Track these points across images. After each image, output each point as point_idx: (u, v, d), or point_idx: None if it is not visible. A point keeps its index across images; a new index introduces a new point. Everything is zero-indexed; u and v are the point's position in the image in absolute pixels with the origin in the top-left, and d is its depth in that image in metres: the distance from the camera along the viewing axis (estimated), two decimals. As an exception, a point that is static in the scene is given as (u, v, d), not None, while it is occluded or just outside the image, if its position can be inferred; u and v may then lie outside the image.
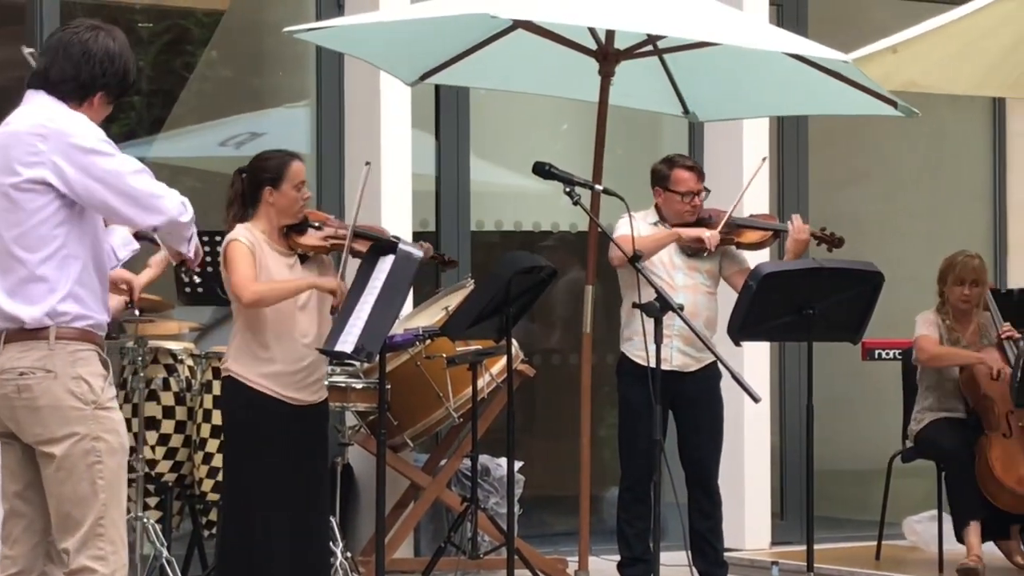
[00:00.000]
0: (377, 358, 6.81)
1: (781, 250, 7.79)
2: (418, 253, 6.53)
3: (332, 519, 7.12)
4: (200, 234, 5.02)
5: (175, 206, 4.73)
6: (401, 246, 6.49)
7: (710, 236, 7.46)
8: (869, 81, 7.01)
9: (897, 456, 8.72)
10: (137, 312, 6.94)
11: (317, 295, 6.51)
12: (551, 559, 8.22)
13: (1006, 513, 8.33)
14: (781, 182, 9.83)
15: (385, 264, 6.43)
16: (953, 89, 7.88)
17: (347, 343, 6.29)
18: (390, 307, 6.37)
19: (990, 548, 8.61)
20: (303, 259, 6.61)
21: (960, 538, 8.24)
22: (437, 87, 8.84)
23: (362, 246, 6.64)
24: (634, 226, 6.80)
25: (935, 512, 8.63)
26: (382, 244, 6.56)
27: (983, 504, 8.20)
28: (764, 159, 7.88)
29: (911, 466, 8.72)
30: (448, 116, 9.08)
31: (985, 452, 8.17)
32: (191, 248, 4.88)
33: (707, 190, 7.72)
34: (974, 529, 8.13)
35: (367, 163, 6.69)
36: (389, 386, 7.58)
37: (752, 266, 7.65)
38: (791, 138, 9.90)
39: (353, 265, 6.63)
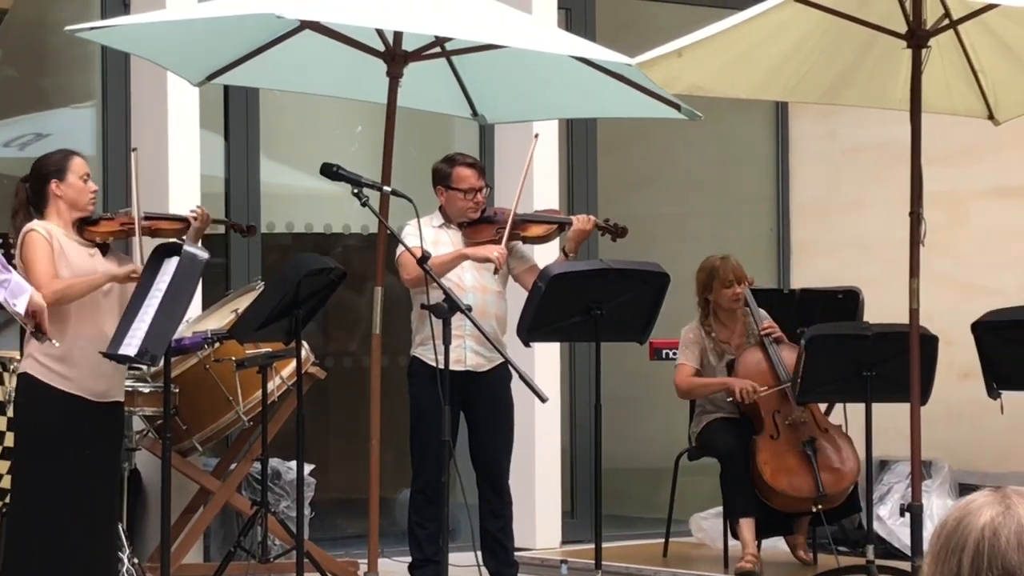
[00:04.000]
0: (163, 361, 6.74)
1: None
2: (203, 254, 6.49)
3: (119, 525, 7.03)
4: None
5: None
6: (186, 247, 6.44)
7: (498, 256, 7.45)
8: (652, 84, 7.11)
9: (683, 454, 8.85)
10: None
11: (118, 291, 6.48)
12: (342, 562, 8.21)
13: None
14: (571, 184, 9.92)
15: (169, 266, 6.38)
16: (735, 93, 8.01)
17: (131, 346, 6.22)
18: (175, 309, 6.32)
19: (773, 543, 8.79)
20: (104, 249, 6.58)
21: (735, 533, 8.39)
22: (226, 87, 8.77)
23: (167, 225, 6.66)
24: (418, 231, 6.85)
25: (721, 509, 8.77)
26: (167, 246, 6.50)
27: (759, 502, 8.34)
28: (536, 136, 7.91)
29: (697, 464, 8.86)
30: (237, 117, 9.01)
31: (755, 456, 8.32)
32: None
33: (489, 187, 7.79)
34: (746, 526, 8.27)
35: (134, 148, 6.69)
36: (178, 390, 7.53)
37: (538, 262, 7.73)
38: (580, 140, 10.00)
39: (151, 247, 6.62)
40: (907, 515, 7.58)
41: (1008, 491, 2.25)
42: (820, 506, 8.24)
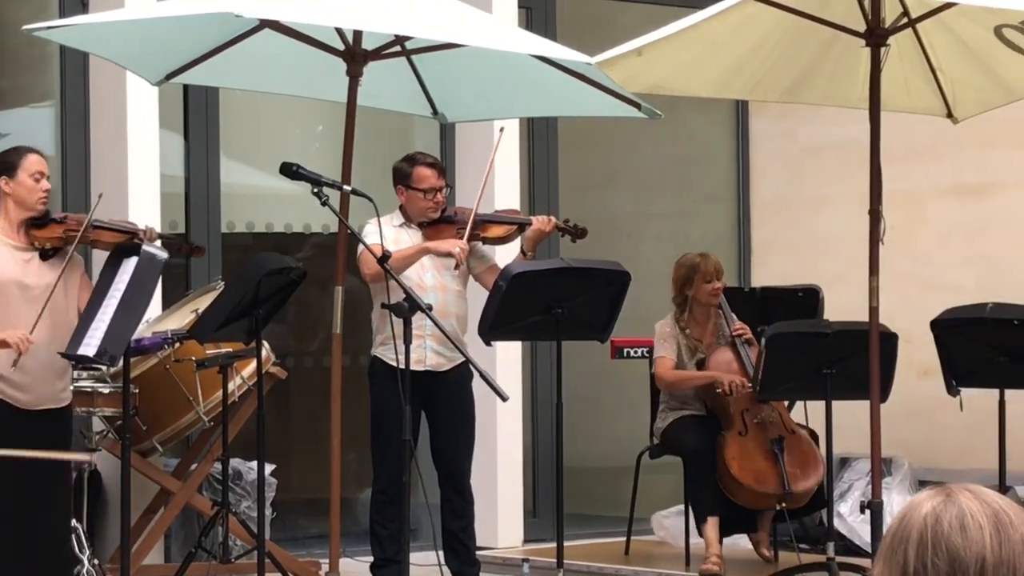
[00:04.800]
0: (122, 361, 6.72)
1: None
2: (162, 254, 6.47)
3: (79, 526, 7.00)
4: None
5: None
6: (144, 247, 6.42)
7: (460, 252, 7.46)
8: (612, 83, 7.12)
9: (645, 453, 8.86)
10: None
11: (57, 295, 6.42)
12: (304, 562, 8.19)
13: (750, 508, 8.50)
14: (532, 183, 9.92)
15: (128, 266, 6.35)
16: (696, 91, 8.02)
17: (89, 347, 6.20)
18: (134, 309, 6.30)
19: (736, 540, 8.81)
20: (46, 255, 6.50)
21: (700, 531, 8.40)
22: (186, 87, 8.74)
23: (109, 238, 6.56)
24: (379, 231, 6.84)
25: (682, 507, 8.79)
26: (126, 246, 6.47)
27: (723, 500, 8.36)
28: (502, 129, 7.92)
29: (659, 462, 8.87)
30: (197, 116, 8.99)
31: (722, 451, 8.34)
32: None
33: (449, 187, 7.79)
34: (711, 525, 8.29)
35: (99, 195, 6.64)
36: (137, 390, 7.50)
37: (498, 262, 7.73)
38: (541, 139, 10.01)
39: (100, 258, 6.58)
40: (867, 512, 7.61)
41: (950, 486, 2.27)
42: (784, 504, 8.27)
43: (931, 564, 2.18)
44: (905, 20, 7.47)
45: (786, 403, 8.72)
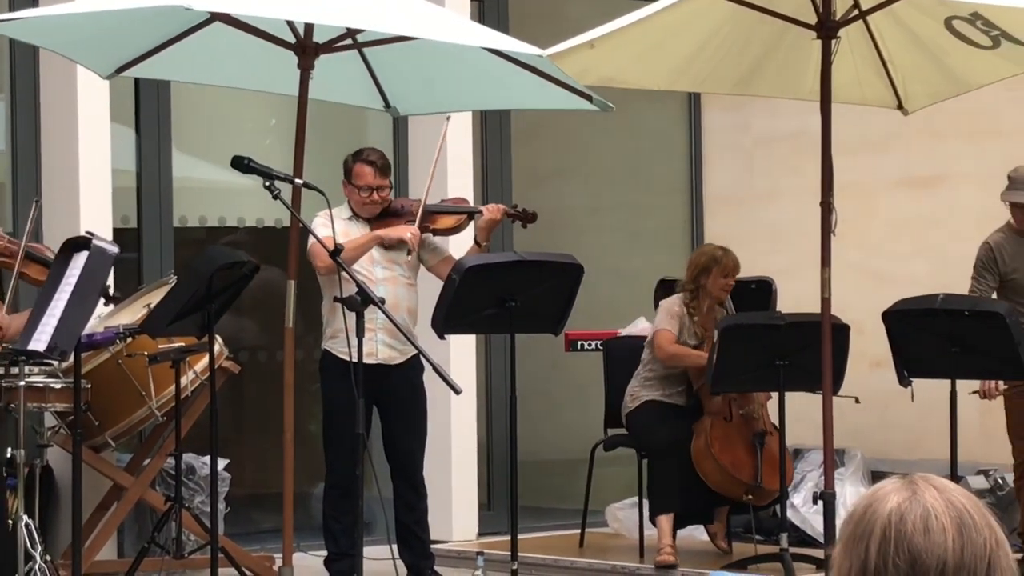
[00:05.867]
0: (73, 356, 6.69)
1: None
2: (113, 249, 6.44)
3: (31, 522, 6.97)
4: None
5: None
6: (95, 241, 6.39)
7: (412, 236, 7.48)
8: (564, 75, 7.12)
9: (599, 445, 8.87)
10: None
11: None
12: (258, 556, 8.17)
13: (711, 499, 8.51)
14: (485, 176, 9.92)
15: (79, 260, 6.33)
16: (648, 84, 8.03)
17: (40, 342, 6.17)
18: (84, 304, 6.27)
19: (691, 532, 8.84)
20: None
21: (654, 521, 8.41)
22: (137, 80, 8.70)
23: (36, 273, 6.53)
24: (330, 223, 6.83)
25: (636, 499, 8.80)
26: (76, 240, 6.44)
27: (683, 495, 8.36)
28: (448, 118, 7.92)
29: (613, 455, 8.89)
30: (148, 110, 8.94)
31: (706, 430, 8.32)
32: None
33: (391, 187, 7.81)
34: (666, 519, 8.29)
35: (36, 200, 6.59)
36: (89, 385, 7.46)
37: (450, 253, 7.74)
38: (494, 132, 10.00)
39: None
40: (820, 503, 7.64)
41: (915, 477, 2.27)
42: (751, 496, 8.30)
43: (892, 563, 2.19)
44: (856, 12, 7.50)
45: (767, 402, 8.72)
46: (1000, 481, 9.11)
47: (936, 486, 2.25)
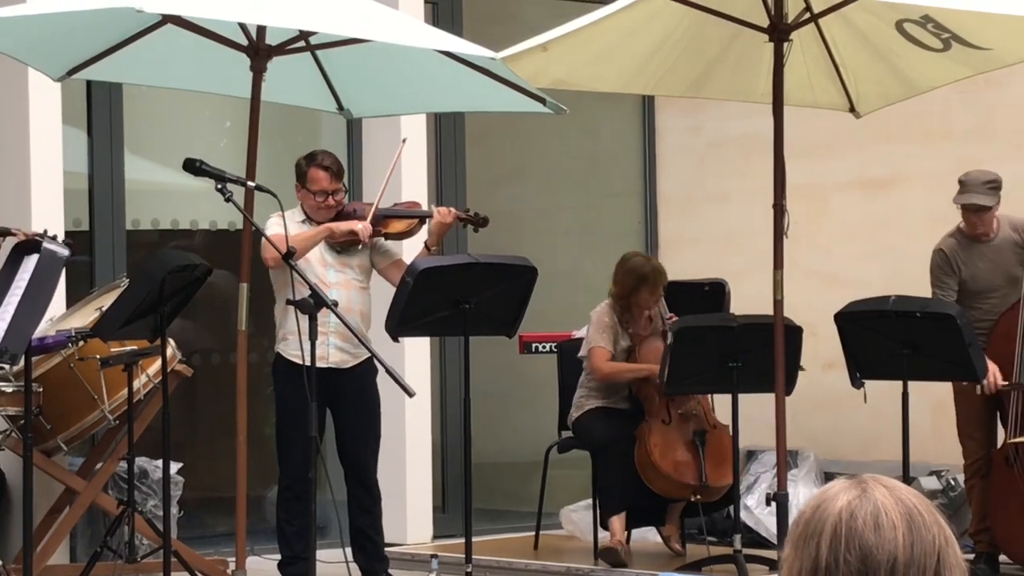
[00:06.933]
0: (24, 360, 6.65)
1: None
2: (64, 251, 6.41)
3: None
4: None
5: None
6: (46, 244, 6.36)
7: (362, 228, 7.52)
8: (517, 78, 7.13)
9: (553, 447, 8.88)
10: None
11: None
12: (211, 560, 8.14)
13: (661, 499, 8.54)
14: (439, 178, 9.91)
15: (29, 263, 6.29)
16: (601, 87, 8.05)
17: (-10, 345, 6.14)
18: (35, 307, 6.24)
19: (644, 533, 8.85)
20: None
21: (605, 525, 8.44)
22: (89, 82, 8.66)
23: None
24: (283, 224, 6.81)
25: (590, 501, 8.81)
26: (26, 243, 6.41)
27: (632, 493, 8.39)
28: (404, 140, 7.94)
29: (567, 457, 8.89)
30: (100, 112, 8.90)
31: (645, 437, 8.36)
32: None
33: (346, 190, 7.80)
34: (616, 520, 8.32)
35: None
36: (41, 389, 7.43)
37: (403, 257, 7.74)
38: (448, 135, 10.00)
39: None
40: (773, 504, 7.66)
41: (864, 477, 2.29)
42: (699, 496, 8.31)
43: (843, 560, 2.20)
44: (808, 15, 7.53)
45: (710, 398, 8.75)
46: (952, 482, 9.16)
47: (885, 485, 2.26)
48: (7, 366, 7.13)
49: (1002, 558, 8.34)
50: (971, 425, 8.31)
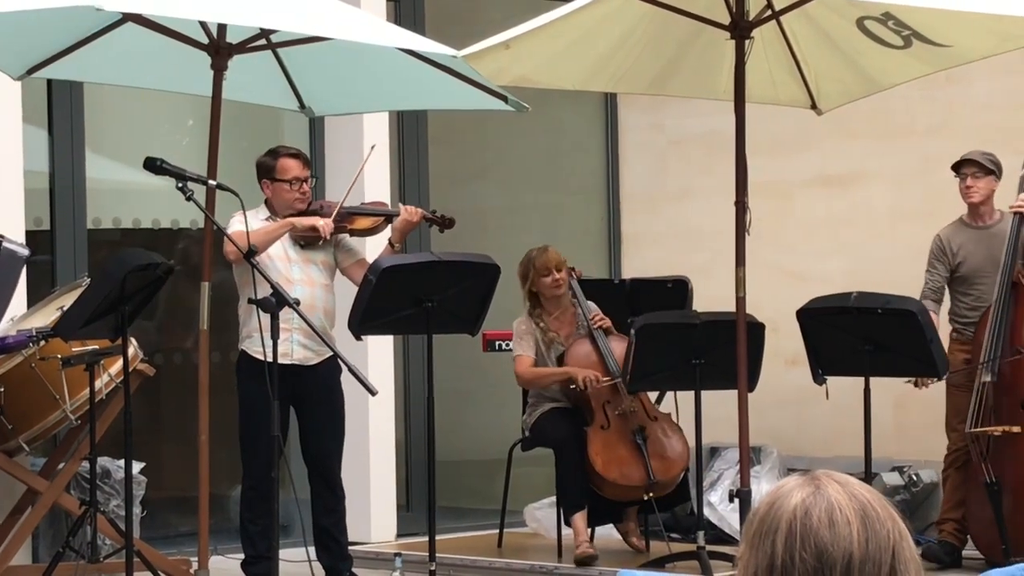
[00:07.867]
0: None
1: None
2: (24, 251, 6.39)
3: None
4: None
5: None
6: (5, 244, 6.33)
7: (324, 224, 7.52)
8: (478, 76, 7.13)
9: (517, 445, 8.88)
10: None
11: None
12: (174, 560, 8.12)
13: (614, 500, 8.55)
14: (402, 176, 9.91)
15: (-11, 263, 6.27)
16: (563, 84, 8.05)
17: (-50, 345, 6.11)
18: (-5, 307, 6.21)
19: (608, 531, 8.86)
20: None
21: (568, 523, 8.44)
22: (49, 81, 8.63)
23: None
24: (245, 223, 6.80)
25: (554, 499, 8.82)
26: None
27: (591, 491, 8.40)
28: (373, 147, 7.97)
29: (531, 455, 8.90)
30: (61, 111, 8.87)
31: (587, 447, 8.38)
32: None
33: (315, 177, 7.79)
34: (579, 516, 8.33)
35: None
36: (2, 389, 7.41)
37: (366, 256, 7.73)
38: (411, 132, 9.99)
39: None
40: (736, 500, 7.68)
41: (818, 473, 2.29)
42: (651, 494, 8.32)
43: (799, 557, 2.20)
44: (769, 12, 7.55)
45: (656, 394, 8.77)
46: (914, 477, 9.19)
47: (838, 481, 2.27)
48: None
49: (973, 553, 8.37)
50: (958, 418, 8.35)
